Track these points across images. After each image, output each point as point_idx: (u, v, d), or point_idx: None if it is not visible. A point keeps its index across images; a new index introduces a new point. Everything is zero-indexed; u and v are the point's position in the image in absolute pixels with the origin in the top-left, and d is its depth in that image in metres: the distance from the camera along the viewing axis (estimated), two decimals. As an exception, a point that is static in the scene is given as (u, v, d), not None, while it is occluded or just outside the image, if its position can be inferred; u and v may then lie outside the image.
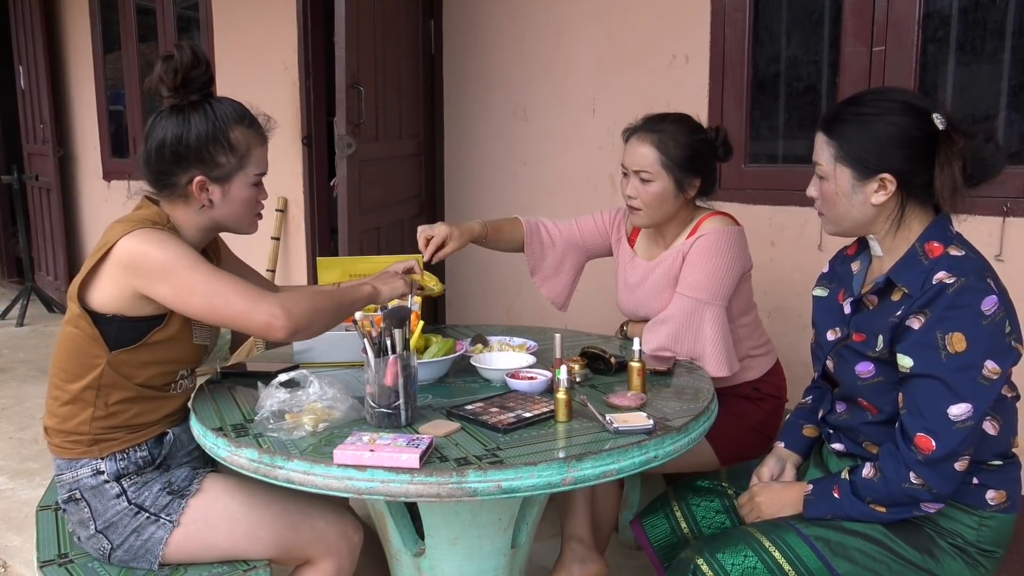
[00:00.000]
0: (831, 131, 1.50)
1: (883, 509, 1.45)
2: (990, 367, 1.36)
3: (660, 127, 1.99)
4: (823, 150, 1.51)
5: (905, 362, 1.41)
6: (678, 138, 1.97)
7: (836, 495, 1.49)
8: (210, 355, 1.81)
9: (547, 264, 2.27)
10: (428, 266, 2.01)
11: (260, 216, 1.75)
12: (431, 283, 1.92)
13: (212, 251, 1.82)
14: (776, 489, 1.62)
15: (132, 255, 1.53)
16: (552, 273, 2.28)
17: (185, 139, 1.59)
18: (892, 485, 1.42)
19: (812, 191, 1.56)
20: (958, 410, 1.36)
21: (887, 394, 1.49)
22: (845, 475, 1.51)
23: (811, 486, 1.55)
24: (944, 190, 1.41)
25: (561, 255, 2.26)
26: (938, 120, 1.42)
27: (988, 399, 1.37)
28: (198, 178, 1.61)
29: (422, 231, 2.06)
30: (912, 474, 1.40)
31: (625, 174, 2.03)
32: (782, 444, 1.74)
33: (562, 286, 2.29)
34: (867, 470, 1.47)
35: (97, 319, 1.58)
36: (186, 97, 1.61)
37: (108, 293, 1.57)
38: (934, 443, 1.37)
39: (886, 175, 1.45)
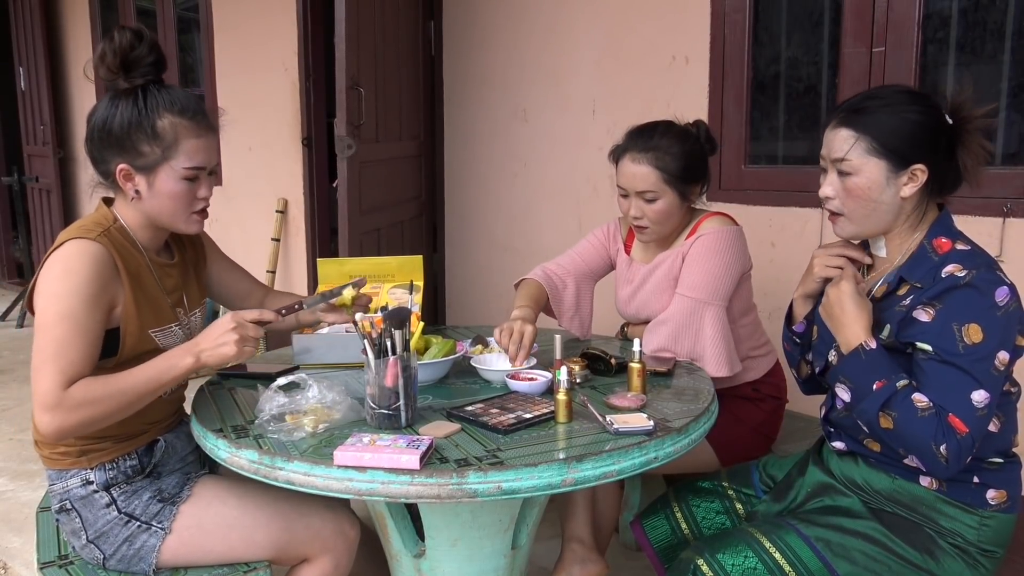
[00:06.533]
0: (858, 124, 1.46)
1: (889, 424, 1.39)
2: (1001, 357, 1.37)
3: (652, 143, 1.95)
4: (851, 145, 1.46)
5: (925, 347, 1.40)
6: (672, 150, 1.94)
7: (876, 388, 1.41)
8: None
9: (566, 305, 2.17)
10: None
11: (203, 213, 1.63)
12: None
13: (190, 244, 1.77)
14: (856, 305, 1.47)
15: (44, 268, 1.50)
16: (575, 311, 2.18)
17: (110, 124, 1.54)
18: (922, 433, 1.35)
19: (828, 190, 1.51)
20: (979, 396, 1.36)
21: None
22: (901, 384, 1.40)
23: (874, 345, 1.43)
24: (972, 168, 1.44)
25: (576, 291, 2.18)
26: (946, 115, 1.46)
27: (999, 389, 1.38)
28: (121, 166, 1.55)
29: (504, 341, 1.83)
30: (944, 446, 1.34)
31: (624, 195, 2.00)
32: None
33: (584, 315, 2.20)
34: (920, 400, 1.37)
35: None
36: (131, 81, 1.55)
37: None
38: (966, 427, 1.35)
39: (918, 166, 1.44)
